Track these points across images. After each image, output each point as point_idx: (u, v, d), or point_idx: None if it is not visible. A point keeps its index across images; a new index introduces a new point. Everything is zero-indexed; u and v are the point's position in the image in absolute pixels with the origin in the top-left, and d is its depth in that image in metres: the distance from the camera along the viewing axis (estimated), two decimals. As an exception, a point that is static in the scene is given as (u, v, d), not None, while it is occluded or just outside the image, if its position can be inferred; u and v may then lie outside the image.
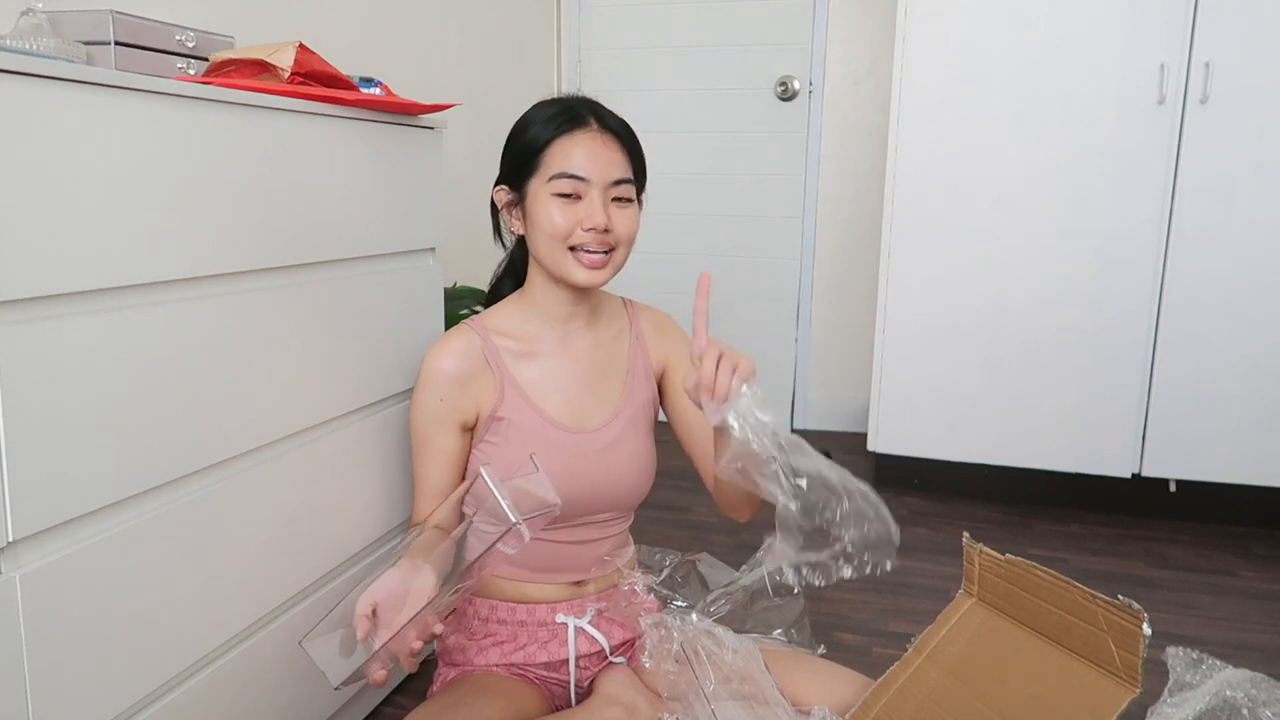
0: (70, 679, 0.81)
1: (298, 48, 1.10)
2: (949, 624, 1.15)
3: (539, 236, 1.16)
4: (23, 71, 0.73)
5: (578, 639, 1.22)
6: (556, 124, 1.14)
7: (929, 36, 2.18)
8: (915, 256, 2.28)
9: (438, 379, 1.17)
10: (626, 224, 1.16)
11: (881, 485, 2.49)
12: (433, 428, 1.18)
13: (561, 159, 1.13)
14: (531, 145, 1.15)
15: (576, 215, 1.13)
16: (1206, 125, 2.05)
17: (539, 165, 1.15)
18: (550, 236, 1.14)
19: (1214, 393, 2.13)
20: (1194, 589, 1.89)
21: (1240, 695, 1.06)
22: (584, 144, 1.13)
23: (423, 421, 1.19)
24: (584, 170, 1.12)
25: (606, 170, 1.13)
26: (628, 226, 1.16)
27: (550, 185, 1.13)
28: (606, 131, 1.15)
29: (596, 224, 1.12)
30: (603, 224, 1.12)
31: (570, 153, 1.13)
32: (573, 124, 1.14)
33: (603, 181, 1.13)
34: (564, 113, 1.15)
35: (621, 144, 1.16)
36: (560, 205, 1.13)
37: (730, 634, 1.11)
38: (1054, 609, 1.03)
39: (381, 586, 0.96)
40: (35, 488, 0.76)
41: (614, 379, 1.25)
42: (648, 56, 2.98)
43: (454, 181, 1.61)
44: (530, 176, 1.16)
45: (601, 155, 1.13)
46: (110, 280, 0.83)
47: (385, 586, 0.96)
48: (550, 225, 1.13)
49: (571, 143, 1.13)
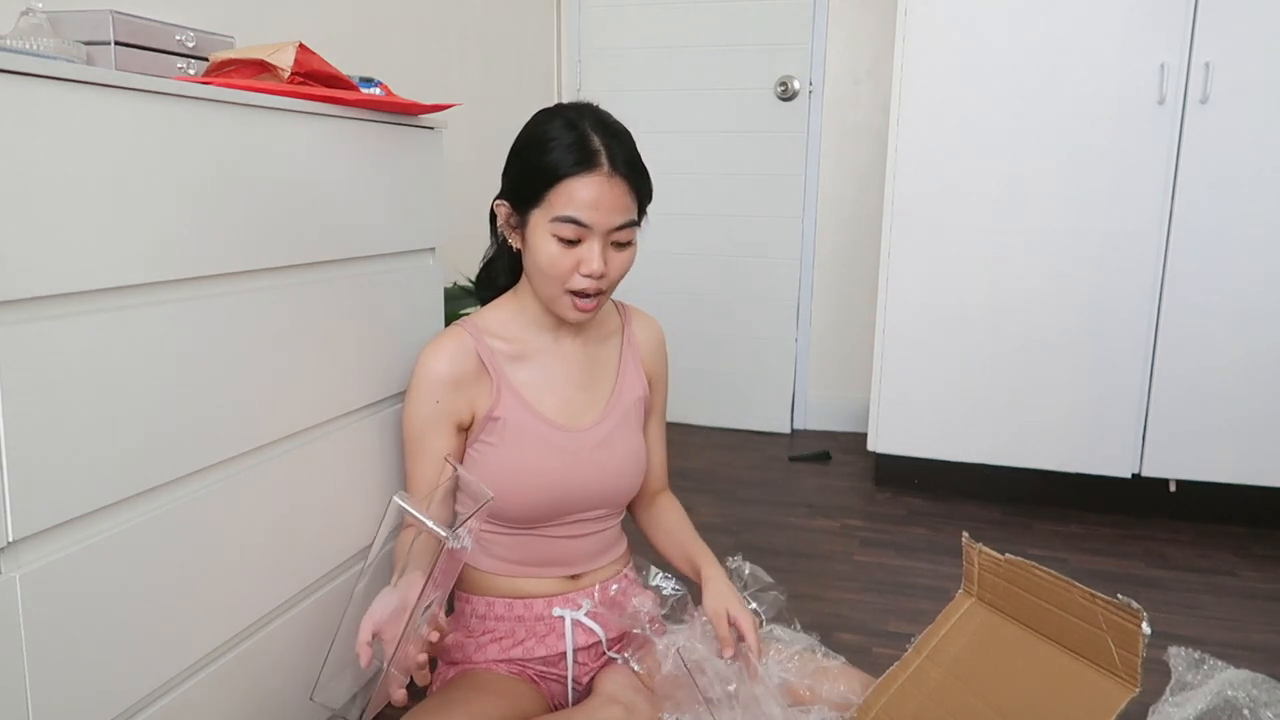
0: (70, 679, 0.81)
1: (298, 48, 1.10)
2: (949, 624, 1.15)
3: (535, 269, 1.15)
4: (23, 71, 0.72)
5: (575, 632, 1.22)
6: (570, 160, 1.10)
7: (929, 37, 2.18)
8: (915, 256, 2.28)
9: (432, 381, 1.17)
10: (621, 266, 1.16)
11: (881, 485, 2.49)
12: (428, 429, 1.18)
13: (567, 200, 1.10)
14: (540, 176, 1.12)
15: (575, 258, 1.12)
16: (1206, 125, 2.05)
17: (544, 199, 1.11)
18: (548, 276, 1.14)
19: (1214, 393, 2.13)
20: (1194, 589, 1.89)
21: (1241, 695, 1.06)
22: (592, 188, 1.10)
23: (417, 423, 1.19)
24: (588, 218, 1.10)
25: (610, 218, 1.11)
26: (622, 268, 1.17)
27: (553, 226, 1.11)
28: (616, 175, 1.11)
29: (593, 271, 1.12)
30: (599, 271, 1.12)
31: (577, 196, 1.10)
32: (585, 165, 1.10)
33: (605, 228, 1.12)
34: (578, 146, 1.10)
35: (629, 185, 1.13)
36: (560, 247, 1.12)
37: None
38: (1054, 609, 1.03)
39: (379, 608, 0.97)
40: (35, 488, 0.76)
41: (604, 377, 1.27)
42: (648, 56, 2.98)
43: (454, 181, 1.61)
44: (534, 206, 1.13)
45: (607, 201, 1.11)
46: (110, 280, 0.83)
47: (383, 607, 0.97)
48: (549, 265, 1.13)
49: (580, 185, 1.10)
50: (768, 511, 2.30)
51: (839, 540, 2.12)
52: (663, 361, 1.35)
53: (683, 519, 1.35)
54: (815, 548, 2.07)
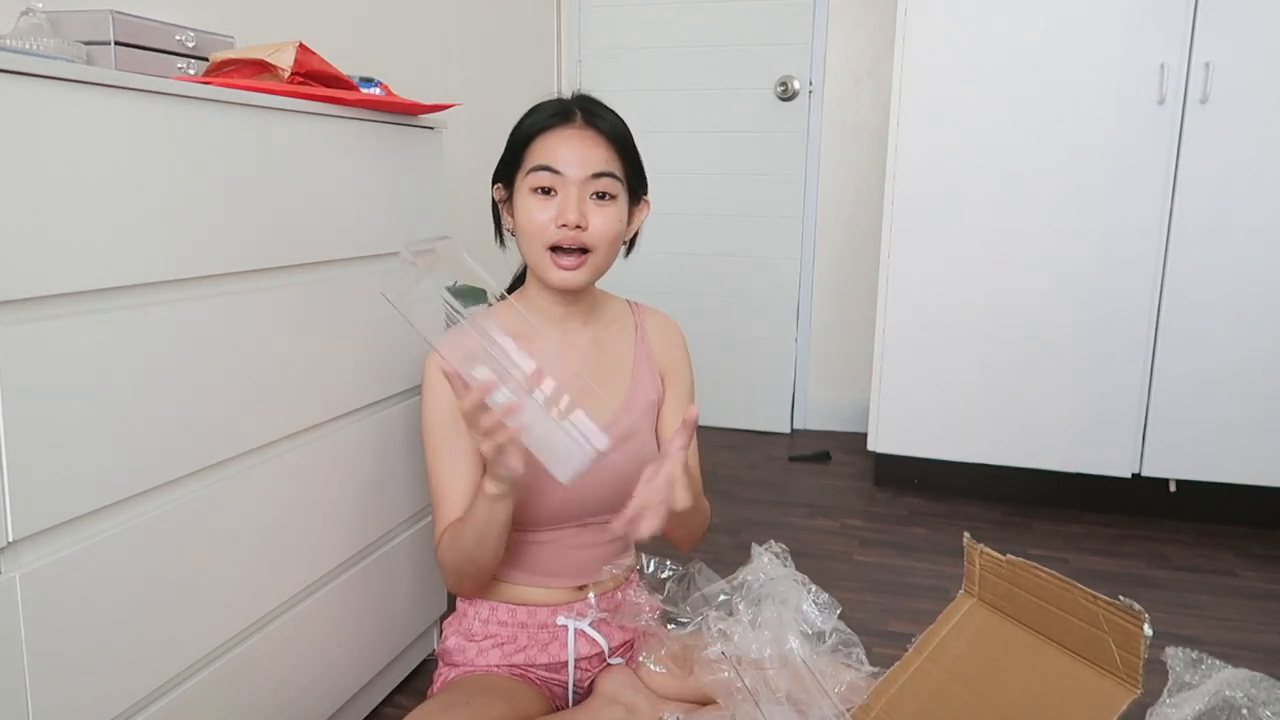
0: (70, 679, 0.81)
1: (298, 48, 1.10)
2: (950, 624, 1.15)
3: (521, 235, 1.16)
4: (23, 71, 0.73)
5: (578, 641, 1.22)
6: (543, 119, 1.15)
7: (929, 36, 2.18)
8: (915, 256, 2.27)
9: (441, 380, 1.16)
10: (605, 221, 1.13)
11: (881, 485, 2.49)
12: (443, 430, 1.16)
13: (540, 152, 1.13)
14: (518, 140, 1.16)
15: (553, 210, 1.12)
16: (1206, 125, 2.05)
17: (522, 160, 1.15)
18: (528, 235, 1.13)
19: (1214, 393, 2.13)
20: (1194, 589, 1.89)
21: (1240, 695, 1.06)
22: (565, 139, 1.13)
23: (434, 425, 1.16)
24: (559, 163, 1.11)
25: (584, 164, 1.11)
26: (606, 224, 1.13)
27: (529, 179, 1.13)
28: (590, 128, 1.14)
29: (568, 219, 1.10)
30: (574, 219, 1.10)
31: (549, 147, 1.13)
32: (557, 119, 1.14)
33: (579, 175, 1.11)
34: (552, 107, 1.16)
35: (607, 140, 1.15)
36: (538, 201, 1.12)
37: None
38: (1055, 609, 1.03)
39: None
40: (35, 488, 0.76)
41: (617, 378, 1.25)
42: (648, 56, 2.98)
43: (454, 181, 1.61)
44: (516, 171, 1.16)
45: (580, 149, 1.12)
46: (110, 280, 0.83)
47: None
48: (527, 221, 1.13)
49: (554, 137, 1.13)
50: (768, 511, 2.30)
51: (839, 540, 2.12)
52: (680, 357, 1.31)
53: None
54: (815, 548, 2.07)
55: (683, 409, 1.30)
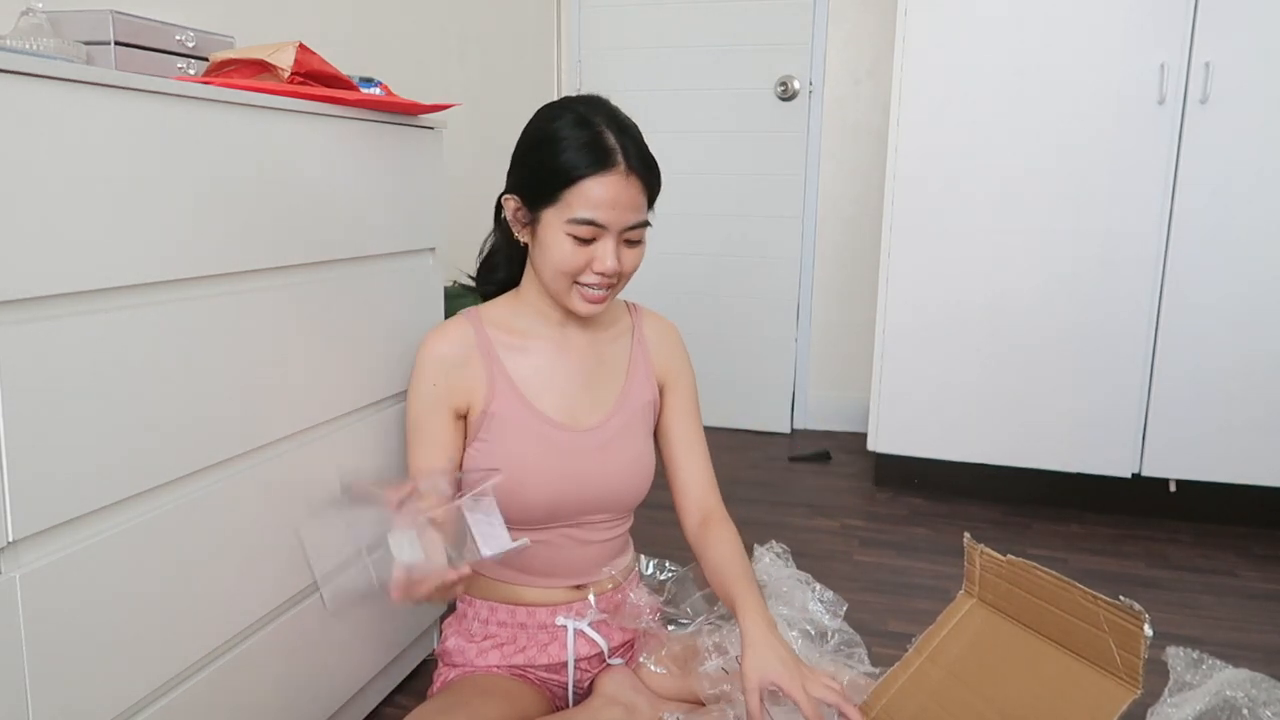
0: (70, 679, 0.81)
1: (298, 48, 1.10)
2: (950, 624, 1.15)
3: (546, 264, 1.14)
4: (23, 71, 0.72)
5: (577, 641, 1.22)
6: (586, 160, 1.09)
7: (929, 36, 2.18)
8: (915, 256, 2.27)
9: (432, 364, 1.17)
10: (633, 262, 1.16)
11: (881, 485, 2.49)
12: (426, 413, 1.17)
13: (583, 202, 1.09)
14: (556, 176, 1.10)
15: (589, 256, 1.11)
16: (1206, 125, 2.05)
17: (560, 199, 1.10)
18: (558, 269, 1.13)
19: (1214, 392, 2.13)
20: (1194, 589, 1.89)
21: (1240, 695, 1.06)
22: (610, 188, 1.09)
23: (417, 407, 1.18)
24: (605, 219, 1.10)
25: (625, 216, 1.11)
26: (634, 264, 1.16)
27: (569, 226, 1.10)
28: (633, 174, 1.10)
29: (607, 269, 1.12)
30: (614, 269, 1.12)
31: (594, 196, 1.08)
32: (601, 164, 1.09)
33: (620, 227, 1.11)
34: (594, 146, 1.09)
35: (643, 183, 1.13)
36: (574, 245, 1.11)
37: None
38: (1055, 609, 1.03)
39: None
40: (35, 488, 0.76)
41: (611, 379, 1.25)
42: (648, 56, 2.98)
43: (454, 181, 1.61)
44: (548, 205, 1.11)
45: (624, 200, 1.10)
46: (110, 280, 0.83)
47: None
48: (562, 262, 1.12)
49: (597, 185, 1.08)
50: (768, 511, 2.30)
51: (839, 540, 2.12)
52: (679, 358, 1.31)
53: (733, 553, 1.18)
54: (815, 548, 2.07)
55: (687, 411, 1.31)
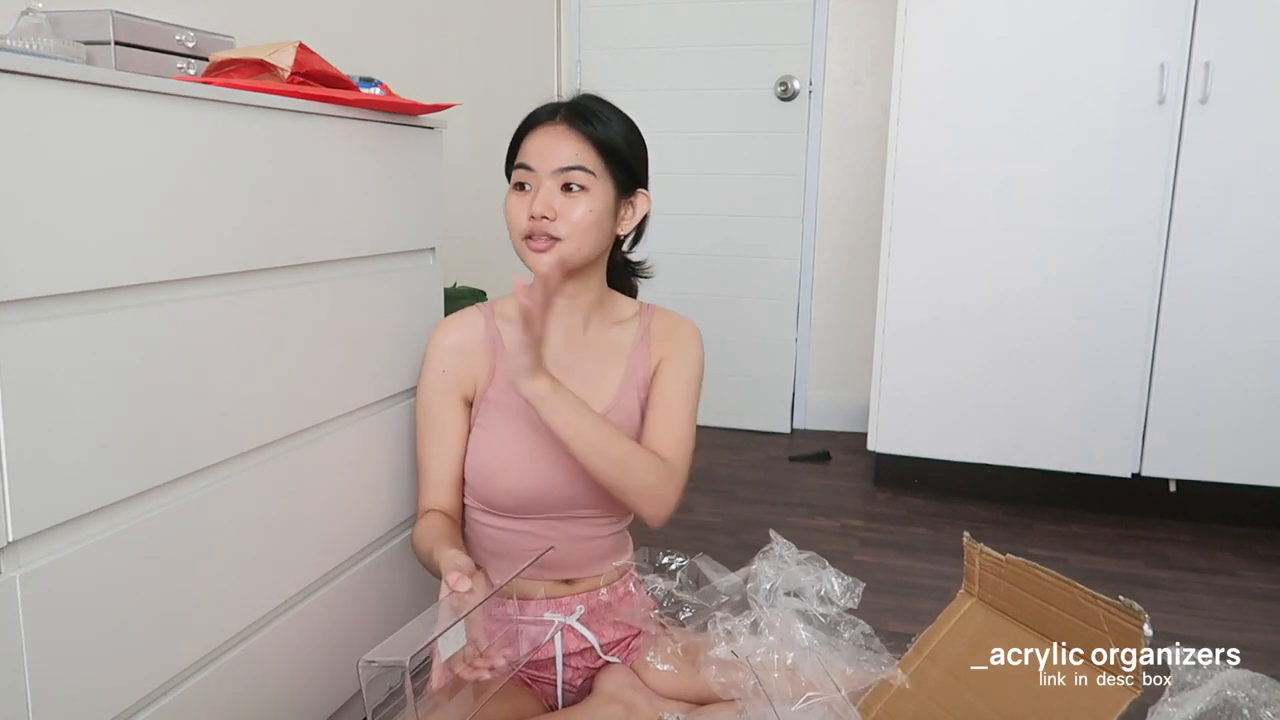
0: (70, 679, 0.81)
1: (298, 48, 1.09)
2: (950, 624, 1.15)
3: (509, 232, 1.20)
4: (23, 71, 0.72)
5: (566, 637, 1.22)
6: (529, 120, 1.19)
7: (929, 36, 2.18)
8: (915, 256, 2.28)
9: (441, 351, 1.21)
10: (575, 213, 1.14)
11: (881, 485, 2.49)
12: (437, 400, 1.20)
13: (521, 152, 1.18)
14: (513, 141, 1.21)
15: (527, 205, 1.15)
16: (1206, 125, 2.05)
17: (512, 161, 1.20)
18: (509, 228, 1.18)
19: (1214, 392, 2.13)
20: (1194, 589, 1.89)
21: (1240, 695, 1.06)
22: (539, 136, 1.17)
23: (427, 396, 1.21)
24: (532, 160, 1.16)
25: (553, 158, 1.15)
26: (576, 215, 1.14)
27: (511, 177, 1.18)
28: (565, 123, 1.17)
29: (535, 210, 1.14)
30: (539, 211, 1.13)
31: (528, 145, 1.17)
32: (537, 120, 1.18)
33: (548, 169, 1.14)
34: (544, 109, 1.19)
35: (584, 134, 1.16)
36: (515, 196, 1.17)
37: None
38: (1055, 609, 1.03)
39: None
40: (35, 488, 0.76)
41: (611, 376, 1.25)
42: (648, 56, 2.98)
43: (454, 181, 1.61)
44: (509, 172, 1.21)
45: (552, 144, 1.15)
46: (110, 280, 0.83)
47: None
48: (509, 218, 1.17)
49: (533, 135, 1.17)
50: (767, 511, 2.30)
51: (839, 540, 2.12)
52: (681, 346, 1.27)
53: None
54: (815, 548, 2.04)
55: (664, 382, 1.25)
